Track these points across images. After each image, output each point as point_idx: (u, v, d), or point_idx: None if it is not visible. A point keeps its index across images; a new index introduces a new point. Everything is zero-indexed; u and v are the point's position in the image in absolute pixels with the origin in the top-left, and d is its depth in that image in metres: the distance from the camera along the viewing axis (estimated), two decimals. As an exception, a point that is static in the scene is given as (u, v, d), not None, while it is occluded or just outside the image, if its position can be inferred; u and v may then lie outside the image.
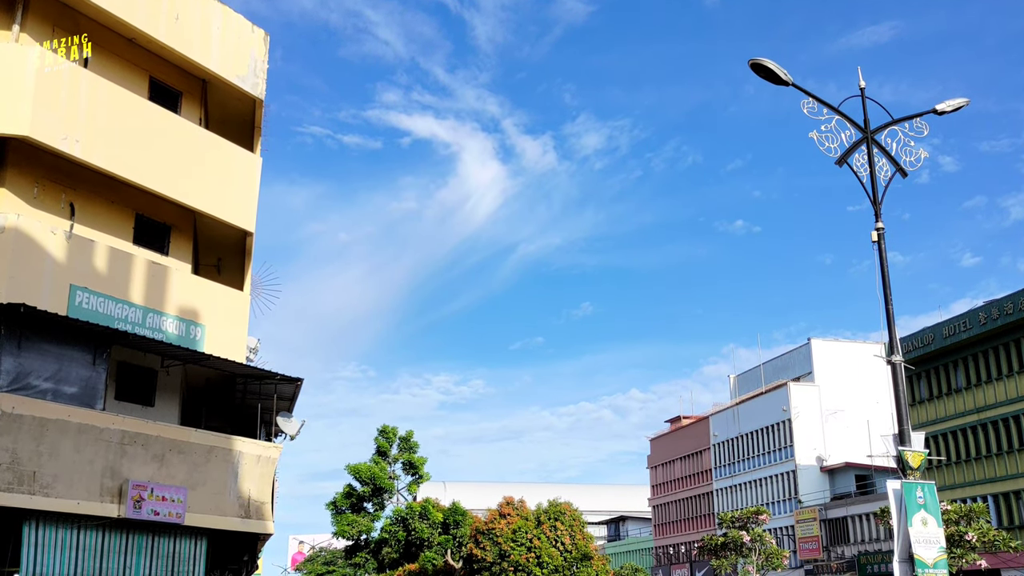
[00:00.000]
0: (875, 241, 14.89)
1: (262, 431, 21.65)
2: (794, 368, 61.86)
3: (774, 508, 56.27)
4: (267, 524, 19.29)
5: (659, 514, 72.74)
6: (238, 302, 21.18)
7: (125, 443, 16.43)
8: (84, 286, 17.38)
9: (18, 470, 14.71)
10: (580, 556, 29.50)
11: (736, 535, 41.20)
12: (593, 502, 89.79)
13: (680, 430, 71.74)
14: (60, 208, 18.23)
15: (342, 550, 60.77)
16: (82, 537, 15.87)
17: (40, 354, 15.88)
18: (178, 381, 19.71)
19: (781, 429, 58.08)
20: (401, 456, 46.94)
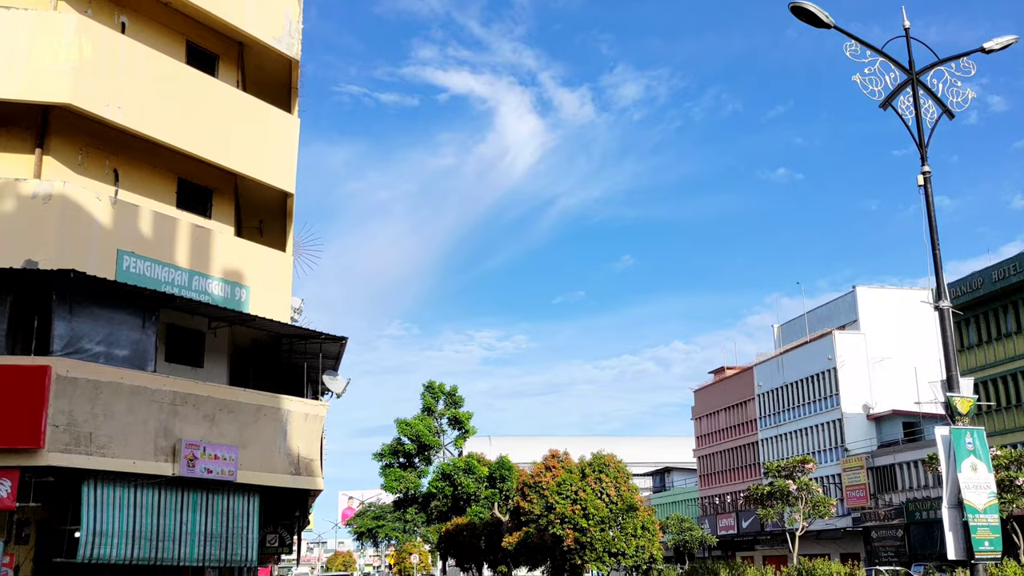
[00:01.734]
0: (921, 185, 14.63)
1: (309, 390, 21.97)
2: (839, 317, 61.22)
3: (820, 457, 56.09)
4: (317, 480, 19.64)
5: (704, 464, 72.88)
6: (281, 263, 21.40)
7: (176, 404, 16.78)
8: (131, 251, 17.66)
9: (75, 432, 15.10)
10: (625, 507, 29.70)
11: (782, 484, 41.15)
12: (637, 454, 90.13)
13: (724, 381, 71.54)
14: (104, 174, 18.47)
15: (391, 505, 61.86)
16: (139, 495, 16.29)
17: (91, 318, 16.21)
18: (225, 342, 20.03)
19: (826, 378, 57.67)
20: (447, 411, 47.48)
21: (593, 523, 28.74)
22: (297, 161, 21.91)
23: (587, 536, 28.58)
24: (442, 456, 47.17)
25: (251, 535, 18.08)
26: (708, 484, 71.93)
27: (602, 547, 28.55)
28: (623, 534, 29.06)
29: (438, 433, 47.09)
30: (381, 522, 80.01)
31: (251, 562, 18.28)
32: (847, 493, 54.08)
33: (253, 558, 18.21)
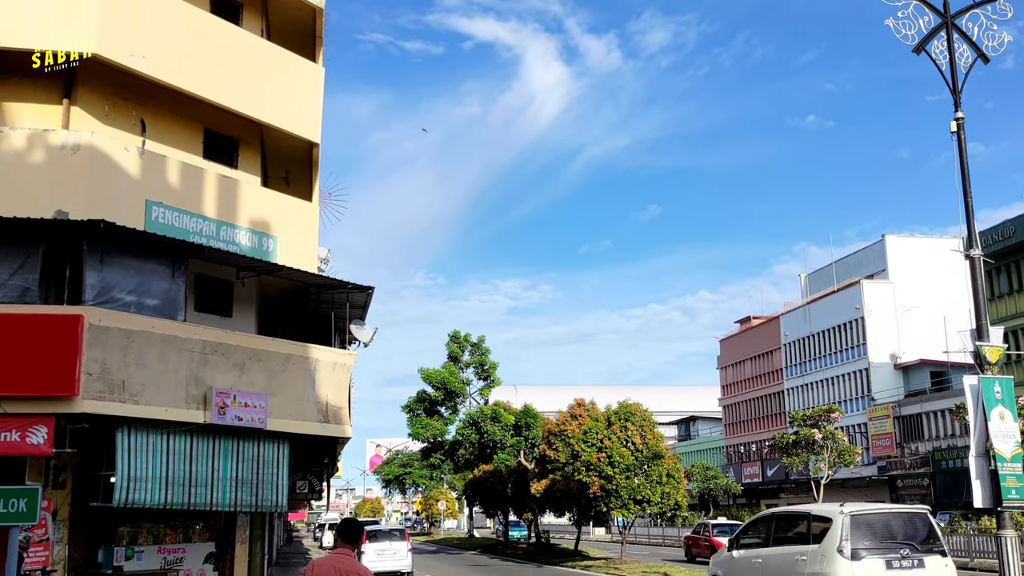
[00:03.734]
0: (954, 132, 14.39)
1: (336, 339, 22.16)
2: (867, 265, 60.70)
3: (846, 406, 56.03)
4: (345, 428, 19.89)
5: (729, 414, 73.06)
6: (307, 213, 21.46)
7: (207, 352, 16.98)
8: (159, 201, 17.77)
9: (108, 380, 15.35)
10: (651, 455, 29.88)
11: (807, 433, 41.22)
12: (663, 403, 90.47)
13: (750, 330, 71.37)
14: (131, 125, 18.52)
15: (418, 452, 62.63)
16: (171, 442, 16.59)
17: (122, 269, 16.38)
18: (253, 292, 20.19)
19: (854, 327, 57.39)
20: (473, 361, 47.74)
21: (619, 471, 28.95)
22: (322, 111, 21.86)
23: (613, 483, 28.82)
24: (468, 405, 47.56)
25: (281, 481, 18.39)
26: (733, 433, 72.17)
27: (627, 494, 28.79)
28: (648, 482, 29.28)
29: (464, 382, 47.42)
30: (408, 469, 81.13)
31: (282, 507, 18.62)
32: (873, 442, 54.10)
33: (284, 504, 18.54)
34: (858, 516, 13.70)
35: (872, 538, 13.46)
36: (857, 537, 13.31)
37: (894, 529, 13.87)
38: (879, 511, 14.50)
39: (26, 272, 15.76)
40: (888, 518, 14.23)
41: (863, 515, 13.82)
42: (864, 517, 13.76)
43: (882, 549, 13.30)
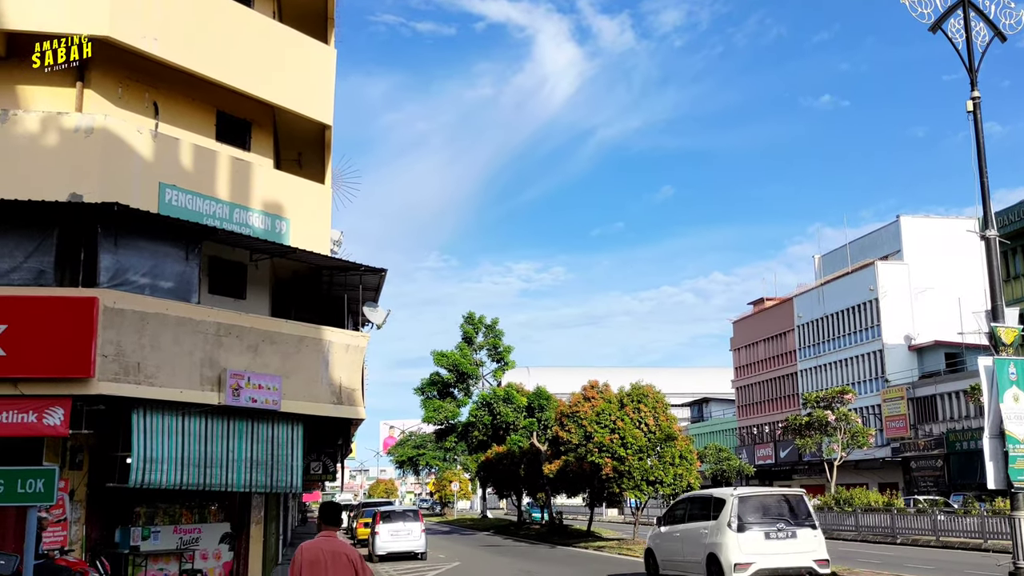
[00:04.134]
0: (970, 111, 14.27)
1: (349, 321, 22.22)
2: (882, 246, 60.39)
3: (860, 388, 55.91)
4: (358, 409, 19.97)
5: (743, 395, 73.00)
6: (320, 195, 21.49)
7: (221, 334, 17.07)
8: (172, 183, 17.82)
9: (124, 361, 15.45)
10: (664, 437, 29.92)
11: (821, 414, 41.19)
12: (676, 384, 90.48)
13: (763, 312, 71.20)
14: (144, 108, 18.55)
15: (431, 434, 62.88)
16: (187, 423, 16.71)
17: (136, 251, 16.45)
18: (267, 274, 20.26)
19: (868, 308, 57.17)
20: (487, 343, 47.81)
21: (631, 452, 29.00)
22: (334, 93, 21.84)
23: (625, 465, 28.88)
24: (481, 386, 47.66)
25: (295, 462, 18.51)
26: (746, 414, 72.14)
27: (640, 475, 28.84)
28: (661, 463, 29.32)
29: (478, 364, 47.51)
30: (422, 451, 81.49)
31: (296, 488, 18.74)
32: (886, 423, 53.99)
33: (298, 485, 18.67)
34: (745, 497, 17.07)
35: (755, 515, 16.73)
36: (743, 514, 16.65)
37: (774, 508, 17.15)
38: (762, 493, 17.93)
39: (41, 255, 15.85)
40: (770, 499, 17.60)
41: (749, 496, 17.20)
42: (750, 498, 17.13)
43: (763, 523, 16.62)
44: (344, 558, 7.21)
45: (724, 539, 16.51)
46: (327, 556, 7.15)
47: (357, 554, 7.39)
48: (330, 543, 7.27)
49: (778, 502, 17.43)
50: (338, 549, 7.23)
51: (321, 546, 7.22)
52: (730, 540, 16.36)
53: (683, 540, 18.38)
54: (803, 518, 17.02)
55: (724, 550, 16.43)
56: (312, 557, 7.13)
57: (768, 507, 17.13)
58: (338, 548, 7.24)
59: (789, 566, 16.32)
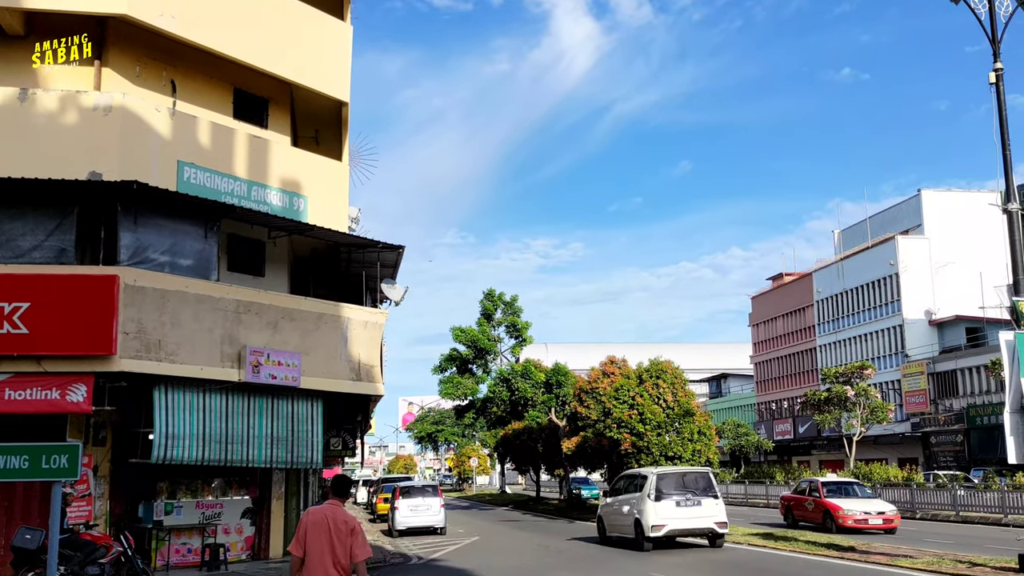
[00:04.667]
0: (993, 83, 14.10)
1: (367, 298, 22.30)
2: (903, 221, 59.89)
3: (880, 363, 55.67)
4: (377, 386, 20.09)
5: (761, 371, 72.87)
6: (337, 172, 21.51)
7: (240, 312, 17.17)
8: (191, 162, 17.88)
9: (145, 339, 15.59)
10: (682, 412, 29.93)
11: (840, 390, 41.06)
12: (694, 360, 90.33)
13: (782, 287, 70.92)
14: (162, 86, 18.59)
15: (450, 410, 63.15)
16: (208, 400, 16.86)
17: (155, 229, 16.55)
18: (285, 252, 20.33)
19: (888, 283, 56.81)
20: (505, 319, 47.86)
21: (650, 428, 29.04)
22: (351, 69, 21.80)
23: (644, 440, 28.93)
24: (499, 363, 47.75)
25: (315, 438, 18.66)
26: (765, 390, 72.04)
27: (659, 451, 28.89)
28: (680, 438, 29.35)
29: (496, 340, 47.58)
30: (440, 427, 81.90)
31: (316, 464, 18.91)
32: (906, 399, 53.80)
33: (318, 460, 18.83)
34: (661, 474, 21.46)
35: (669, 487, 20.92)
36: (660, 487, 20.84)
37: (685, 482, 21.30)
38: (675, 471, 22.08)
39: (62, 233, 15.98)
40: (681, 475, 21.76)
41: (665, 473, 21.60)
42: (666, 475, 21.44)
43: (675, 494, 20.80)
44: (345, 525, 7.67)
45: (645, 507, 20.71)
46: (330, 521, 7.63)
47: (358, 523, 7.83)
48: (334, 510, 7.73)
49: (690, 477, 21.64)
50: (340, 516, 7.70)
51: (326, 512, 7.70)
52: (649, 507, 20.60)
53: (620, 509, 22.42)
54: (708, 490, 21.19)
55: (645, 515, 20.58)
56: (317, 519, 7.65)
57: (680, 482, 21.26)
58: (340, 515, 7.71)
59: (695, 527, 20.78)
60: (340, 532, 7.61)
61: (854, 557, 17.80)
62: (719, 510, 20.89)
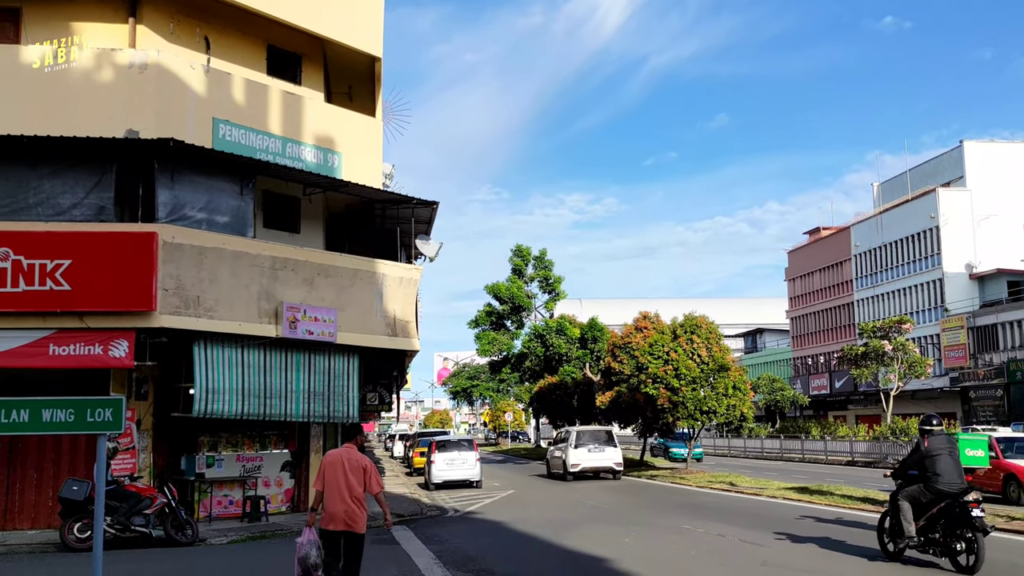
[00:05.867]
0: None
1: (402, 254, 22.38)
2: (944, 173, 58.78)
3: (918, 317, 55.02)
4: (413, 341, 20.21)
5: (797, 326, 72.37)
6: (371, 128, 21.48)
7: (276, 268, 17.31)
8: (226, 119, 17.94)
9: (184, 295, 15.79)
10: (717, 367, 29.84)
11: (877, 344, 40.67)
12: (729, 315, 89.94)
13: (820, 241, 70.11)
14: (196, 43, 18.61)
15: (485, 365, 63.50)
16: (246, 355, 17.08)
17: (192, 186, 16.67)
18: (320, 208, 20.41)
19: (928, 237, 55.93)
20: (537, 275, 47.86)
21: (684, 383, 29.00)
22: (383, 24, 21.67)
23: (678, 395, 28.91)
24: (533, 318, 47.83)
25: (352, 393, 18.87)
26: (801, 345, 71.59)
27: (693, 406, 28.87)
28: (714, 393, 29.29)
29: (529, 296, 47.64)
30: (475, 382, 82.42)
31: (353, 418, 19.14)
32: (945, 353, 53.22)
33: (354, 415, 19.06)
34: (579, 429, 31.24)
35: (584, 439, 30.50)
36: (578, 439, 30.47)
37: (595, 435, 30.88)
38: (589, 429, 31.61)
39: (101, 191, 16.16)
40: (593, 430, 31.47)
41: (582, 430, 31.15)
42: (582, 431, 31.03)
43: (586, 444, 30.26)
44: (357, 463, 9.06)
45: (568, 452, 30.24)
46: (345, 460, 9.02)
47: (369, 462, 9.22)
48: (349, 452, 9.16)
49: (599, 432, 31.17)
50: (353, 457, 9.11)
51: (341, 453, 9.12)
52: (570, 453, 30.16)
53: (555, 454, 32.03)
54: (609, 441, 30.66)
55: (568, 458, 30.11)
56: (333, 459, 9.04)
57: (591, 436, 30.76)
58: (354, 456, 9.13)
59: (599, 466, 30.16)
60: (354, 469, 8.99)
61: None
62: (617, 455, 30.36)
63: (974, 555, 10.61)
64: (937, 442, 11.37)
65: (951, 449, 11.38)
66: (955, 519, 10.88)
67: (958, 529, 10.86)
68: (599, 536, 14.88)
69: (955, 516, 10.86)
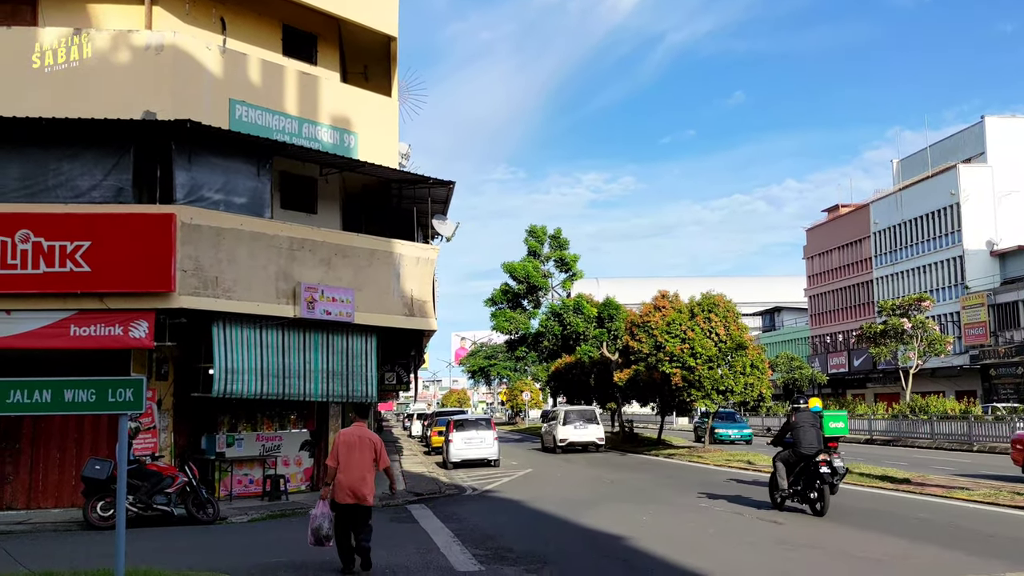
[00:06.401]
0: (1063, 2, 13.54)
1: (419, 234, 22.39)
2: (964, 149, 58.19)
3: (938, 295, 54.67)
4: (430, 321, 20.27)
5: (816, 304, 72.04)
6: (387, 108, 21.45)
7: (294, 248, 17.38)
8: (242, 99, 17.95)
9: (202, 276, 15.88)
10: (734, 346, 29.77)
11: (896, 322, 40.50)
12: (747, 294, 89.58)
13: (838, 219, 69.64)
14: (212, 23, 18.62)
15: (502, 344, 63.63)
16: (265, 335, 17.18)
17: (209, 168, 16.73)
18: (336, 188, 20.44)
19: (948, 214, 55.46)
20: (553, 254, 47.83)
21: (701, 362, 28.96)
22: (398, 3, 21.60)
23: (695, 374, 28.88)
24: (550, 298, 47.86)
25: (370, 373, 18.96)
26: (819, 323, 71.31)
27: (710, 385, 28.84)
28: (732, 372, 29.24)
29: (546, 275, 47.63)
30: (493, 361, 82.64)
31: (371, 398, 19.24)
32: (965, 331, 52.87)
33: (373, 394, 19.16)
34: (566, 408, 36.00)
35: (571, 418, 34.55)
36: (566, 417, 34.60)
37: (582, 413, 35.12)
38: (574, 407, 36.47)
39: (119, 173, 16.23)
40: (579, 409, 35.73)
41: (568, 408, 35.97)
42: (569, 410, 35.29)
43: (573, 422, 34.31)
44: (369, 440, 10.08)
45: (557, 428, 34.58)
46: (356, 437, 10.04)
47: (379, 439, 10.24)
48: (360, 429, 10.17)
49: (584, 411, 35.51)
50: (364, 434, 10.12)
51: (353, 431, 10.14)
52: (559, 428, 34.41)
53: (548, 430, 36.46)
54: (592, 420, 34.69)
55: (557, 433, 34.36)
56: (347, 439, 10.04)
57: (578, 414, 35.08)
58: (364, 434, 10.13)
59: (583, 440, 34.13)
60: (364, 446, 10.00)
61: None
62: (599, 431, 34.54)
63: (821, 502, 13.96)
64: (802, 417, 14.73)
65: (813, 423, 14.64)
66: (810, 475, 14.20)
67: (813, 482, 14.12)
68: (617, 514, 14.94)
69: (810, 473, 14.20)
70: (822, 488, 13.96)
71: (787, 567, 10.11)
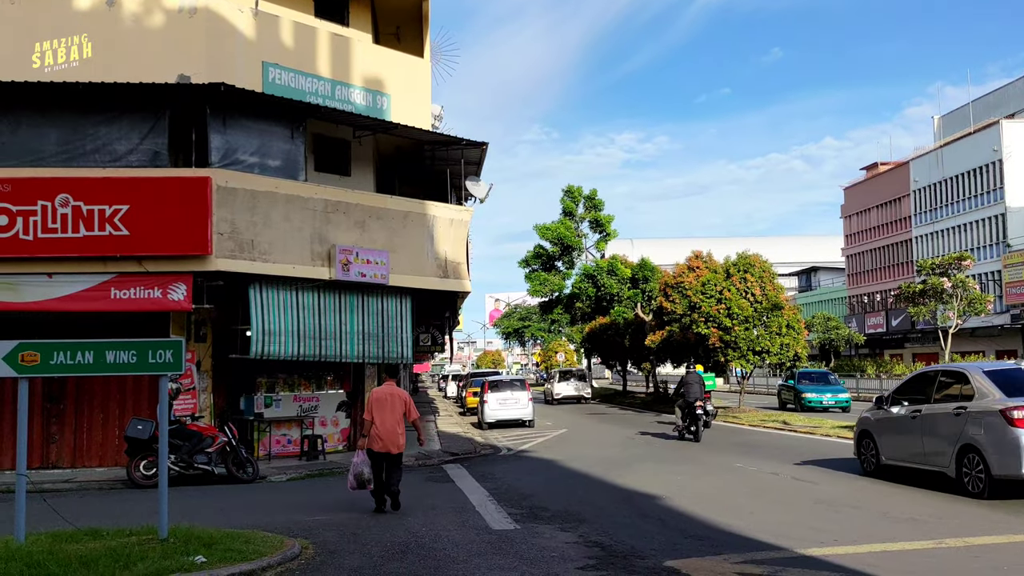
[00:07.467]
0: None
1: (452, 195, 22.37)
2: (1008, 104, 56.89)
3: (979, 254, 53.79)
4: (464, 283, 20.31)
5: (853, 263, 71.22)
6: (419, 70, 21.36)
7: (328, 211, 17.45)
8: (275, 62, 17.96)
9: (238, 239, 16.00)
10: (770, 306, 29.54)
11: (936, 281, 39.88)
12: (783, 254, 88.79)
13: (877, 177, 68.56)
14: (243, -14, 18.57)
15: (536, 306, 63.68)
16: (301, 297, 17.33)
17: (243, 131, 16.79)
18: (370, 151, 20.45)
19: (990, 171, 54.38)
20: (587, 215, 47.62)
21: (737, 322, 28.79)
22: (430, -39, 21.41)
23: (731, 335, 28.73)
24: (584, 259, 47.72)
25: (405, 334, 19.08)
26: (856, 283, 70.54)
27: (746, 345, 28.69)
28: (767, 332, 29.05)
29: (580, 236, 47.49)
30: (527, 323, 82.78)
31: (407, 359, 19.37)
32: (1007, 290, 52.05)
33: (408, 355, 19.30)
34: (560, 370, 47.66)
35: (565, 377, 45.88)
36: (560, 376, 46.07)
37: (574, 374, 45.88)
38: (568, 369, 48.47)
39: (155, 137, 16.35)
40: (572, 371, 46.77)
41: (563, 370, 47.46)
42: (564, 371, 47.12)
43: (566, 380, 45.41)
44: (399, 397, 11.29)
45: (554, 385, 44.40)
46: (387, 395, 11.26)
47: (408, 396, 11.38)
48: (391, 388, 11.39)
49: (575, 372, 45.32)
50: (395, 392, 11.33)
51: (386, 390, 11.36)
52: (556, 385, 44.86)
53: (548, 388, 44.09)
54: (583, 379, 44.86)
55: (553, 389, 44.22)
56: (380, 397, 11.27)
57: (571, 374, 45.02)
58: (395, 392, 11.35)
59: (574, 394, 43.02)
60: (395, 402, 11.28)
61: None
62: (587, 388, 43.93)
63: (692, 435, 20.94)
64: (690, 377, 21.62)
65: (698, 381, 21.39)
66: (692, 416, 20.96)
67: (694, 421, 20.88)
68: (651, 474, 14.98)
69: (692, 414, 20.94)
70: (697, 425, 20.84)
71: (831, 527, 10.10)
